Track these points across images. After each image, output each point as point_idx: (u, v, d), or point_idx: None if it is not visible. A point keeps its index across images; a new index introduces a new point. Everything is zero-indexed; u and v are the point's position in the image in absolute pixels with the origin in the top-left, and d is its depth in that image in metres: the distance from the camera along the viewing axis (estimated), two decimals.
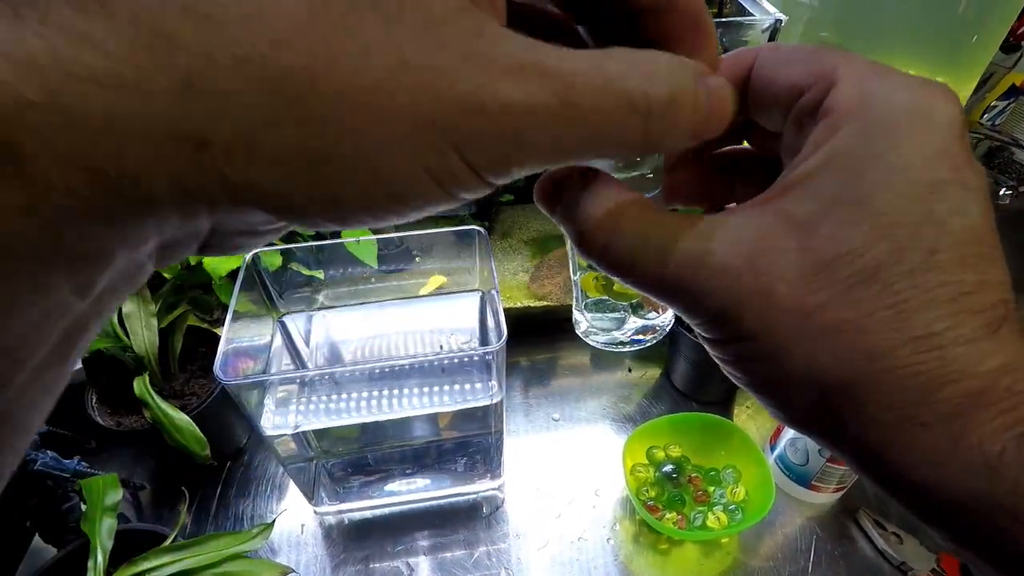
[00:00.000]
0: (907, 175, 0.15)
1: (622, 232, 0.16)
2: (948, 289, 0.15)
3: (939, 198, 0.15)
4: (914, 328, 0.14)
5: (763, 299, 0.15)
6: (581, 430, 0.68)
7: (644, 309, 0.25)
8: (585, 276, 0.24)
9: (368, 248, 0.58)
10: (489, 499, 0.61)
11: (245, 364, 0.51)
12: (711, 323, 0.16)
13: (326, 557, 0.57)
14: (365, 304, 0.62)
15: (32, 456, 0.47)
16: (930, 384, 0.14)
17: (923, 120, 0.15)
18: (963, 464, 0.14)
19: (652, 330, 0.25)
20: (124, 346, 0.55)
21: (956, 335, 0.14)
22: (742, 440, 0.60)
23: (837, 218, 0.15)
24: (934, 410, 0.14)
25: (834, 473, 0.56)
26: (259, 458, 0.65)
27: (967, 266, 0.15)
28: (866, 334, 0.15)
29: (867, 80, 0.16)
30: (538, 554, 0.57)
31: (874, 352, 0.15)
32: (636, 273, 0.17)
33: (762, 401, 0.17)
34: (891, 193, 0.15)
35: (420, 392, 0.54)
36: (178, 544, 0.47)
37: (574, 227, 0.17)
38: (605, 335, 0.25)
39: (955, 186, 0.15)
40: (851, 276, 0.15)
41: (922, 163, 0.15)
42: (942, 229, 0.15)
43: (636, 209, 0.17)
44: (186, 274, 0.60)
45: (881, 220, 0.15)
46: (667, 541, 0.58)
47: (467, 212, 0.73)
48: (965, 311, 0.15)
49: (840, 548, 0.58)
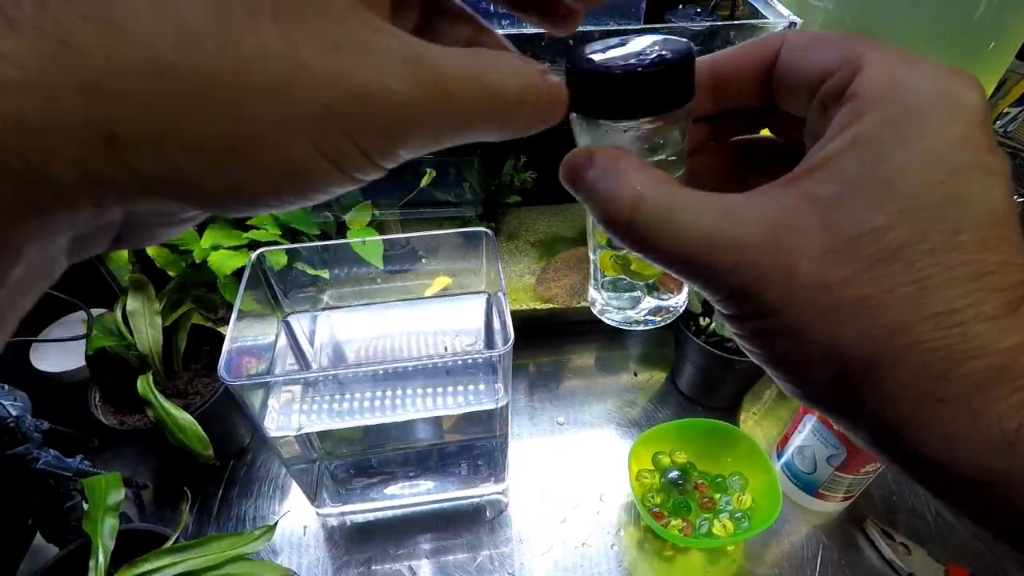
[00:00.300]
0: (932, 159, 0.15)
1: (647, 206, 0.17)
2: (970, 268, 0.15)
3: (963, 182, 0.15)
4: (935, 304, 0.15)
5: (785, 275, 0.16)
6: (586, 434, 0.68)
7: (659, 290, 0.25)
8: (603, 255, 0.24)
9: (374, 248, 0.58)
10: (493, 503, 0.61)
11: (249, 363, 0.50)
12: (731, 299, 0.17)
13: (328, 559, 0.57)
14: (370, 305, 0.61)
15: (35, 454, 0.47)
16: (950, 360, 0.15)
17: (949, 107, 0.15)
18: (981, 440, 0.14)
19: (666, 311, 0.25)
20: (128, 344, 0.55)
21: (977, 312, 0.15)
22: (749, 447, 0.60)
23: (861, 199, 0.15)
24: (954, 386, 0.15)
25: (842, 482, 0.56)
26: (262, 458, 0.65)
27: (989, 247, 0.15)
28: (888, 310, 0.15)
29: (894, 66, 0.16)
30: (541, 559, 0.57)
31: (895, 327, 0.15)
32: (660, 248, 0.17)
33: (778, 377, 0.18)
34: (915, 176, 0.15)
35: (424, 394, 0.53)
36: (180, 545, 0.46)
37: (599, 202, 0.18)
38: (620, 314, 0.26)
39: (979, 171, 0.15)
40: (874, 254, 0.15)
41: (947, 148, 0.15)
42: (965, 211, 0.15)
43: (661, 184, 0.17)
44: (190, 272, 0.60)
45: (905, 202, 0.15)
46: (672, 548, 0.58)
47: (474, 214, 0.73)
48: (987, 289, 0.15)
49: (847, 558, 0.57)
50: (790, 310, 0.16)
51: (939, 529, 0.59)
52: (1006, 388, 0.14)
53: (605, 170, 0.18)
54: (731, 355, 0.61)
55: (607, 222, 0.18)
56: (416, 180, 0.69)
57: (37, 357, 0.60)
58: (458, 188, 0.73)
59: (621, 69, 0.17)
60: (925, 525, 0.60)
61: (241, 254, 0.59)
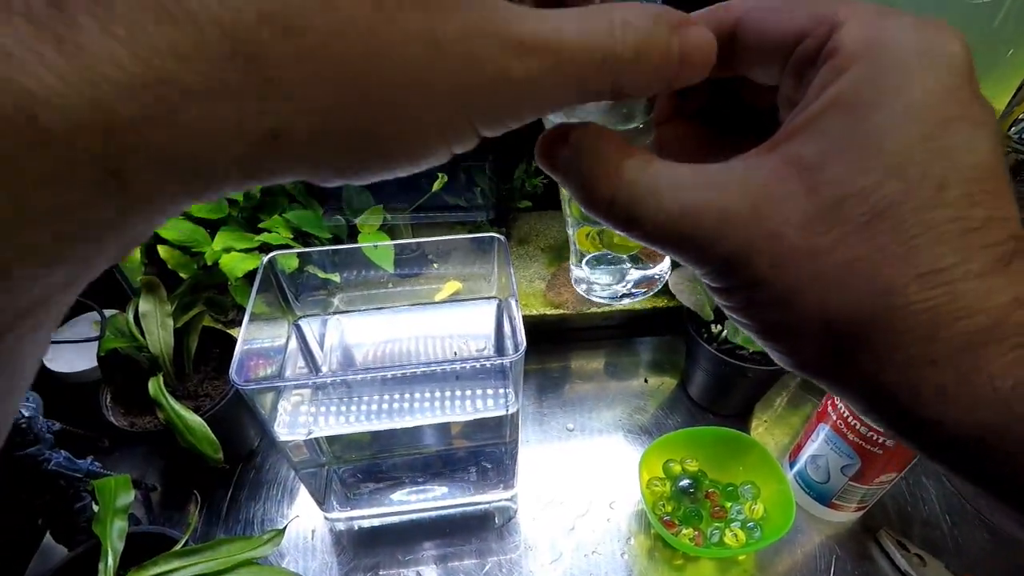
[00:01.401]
0: (916, 114, 0.15)
1: (628, 183, 0.16)
2: (956, 225, 0.14)
3: (948, 134, 0.15)
4: (922, 264, 0.14)
5: (772, 243, 0.15)
6: (596, 441, 0.67)
7: (643, 261, 0.25)
8: (579, 231, 0.24)
9: (385, 252, 0.58)
10: (501, 510, 0.61)
11: (260, 366, 0.50)
12: (718, 271, 0.16)
13: (335, 564, 0.57)
14: (380, 309, 0.61)
15: (46, 455, 0.47)
16: (939, 321, 0.14)
17: (931, 59, 0.15)
18: (975, 399, 0.14)
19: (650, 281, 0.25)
20: (139, 346, 0.55)
21: (965, 270, 0.14)
22: (761, 456, 0.59)
23: (846, 159, 0.15)
24: (944, 347, 0.14)
25: (856, 492, 0.55)
26: (270, 461, 0.64)
27: (975, 203, 0.15)
28: (877, 273, 0.15)
29: (872, 21, 0.16)
30: (550, 567, 0.56)
31: (885, 290, 0.15)
32: (644, 226, 0.16)
33: (770, 348, 0.17)
34: (900, 132, 0.15)
35: (434, 399, 0.53)
36: (189, 548, 0.46)
37: (578, 182, 0.17)
38: (608, 289, 0.25)
39: (964, 122, 0.15)
40: (862, 215, 0.15)
41: (931, 101, 0.15)
42: (951, 165, 0.15)
43: (641, 160, 0.17)
44: (202, 274, 0.60)
45: (891, 159, 0.15)
46: (682, 557, 0.57)
47: (484, 218, 0.73)
48: (974, 246, 0.14)
49: (860, 569, 0.57)
50: (779, 279, 0.15)
51: (954, 540, 0.58)
52: (1000, 347, 0.14)
53: (581, 149, 0.17)
54: (743, 362, 0.60)
55: (588, 203, 0.17)
56: (428, 184, 0.69)
57: (49, 358, 0.60)
58: (469, 193, 0.73)
59: None
60: (940, 536, 0.59)
61: (253, 257, 0.59)
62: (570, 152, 0.17)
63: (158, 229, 0.60)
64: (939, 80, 0.15)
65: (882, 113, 0.15)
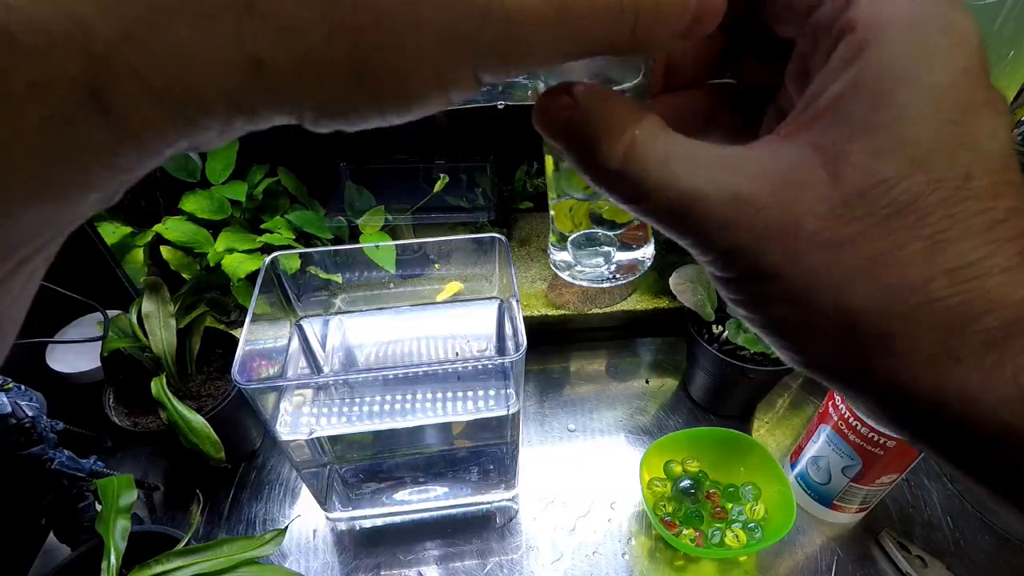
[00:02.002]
0: (940, 97, 0.14)
1: (641, 151, 0.15)
2: (984, 218, 0.14)
3: (973, 121, 0.14)
4: (950, 259, 0.14)
5: (789, 233, 0.14)
6: (597, 441, 0.67)
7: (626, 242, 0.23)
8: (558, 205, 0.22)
9: (387, 253, 0.58)
10: (503, 510, 0.61)
11: (262, 367, 0.51)
12: (725, 260, 0.15)
13: (337, 564, 0.57)
14: (382, 309, 0.61)
15: (49, 455, 0.48)
16: (966, 317, 0.14)
17: (950, 37, 0.14)
18: (997, 397, 0.14)
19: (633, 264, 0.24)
20: (142, 346, 0.55)
21: (992, 264, 0.14)
22: (762, 457, 0.59)
23: (869, 147, 0.14)
24: (969, 342, 0.14)
25: (857, 493, 0.55)
26: (272, 461, 0.65)
27: (999, 193, 0.14)
28: (900, 268, 0.14)
29: None
30: (551, 567, 0.56)
31: (908, 287, 0.14)
32: (653, 200, 0.15)
33: (776, 345, 0.16)
34: (925, 119, 0.14)
35: (435, 399, 0.53)
36: (191, 548, 0.46)
37: (585, 146, 0.15)
38: (592, 271, 0.24)
39: (988, 108, 0.14)
40: (885, 207, 0.14)
41: (954, 84, 0.14)
42: (977, 154, 0.14)
43: (656, 130, 0.15)
44: (205, 275, 0.60)
45: (916, 148, 0.14)
46: (683, 558, 0.57)
47: (486, 219, 0.73)
48: (1001, 239, 0.14)
49: (861, 570, 0.57)
50: (793, 272, 0.15)
51: (956, 542, 0.58)
52: (1022, 342, 0.14)
53: (591, 112, 0.15)
54: (744, 363, 0.60)
55: (594, 172, 0.16)
56: (429, 185, 0.69)
57: (53, 358, 0.61)
58: (471, 193, 0.73)
59: None
60: (942, 537, 0.59)
61: (255, 258, 0.59)
62: (576, 113, 0.15)
63: (158, 229, 0.61)
64: (959, 59, 0.14)
65: (904, 97, 0.14)
